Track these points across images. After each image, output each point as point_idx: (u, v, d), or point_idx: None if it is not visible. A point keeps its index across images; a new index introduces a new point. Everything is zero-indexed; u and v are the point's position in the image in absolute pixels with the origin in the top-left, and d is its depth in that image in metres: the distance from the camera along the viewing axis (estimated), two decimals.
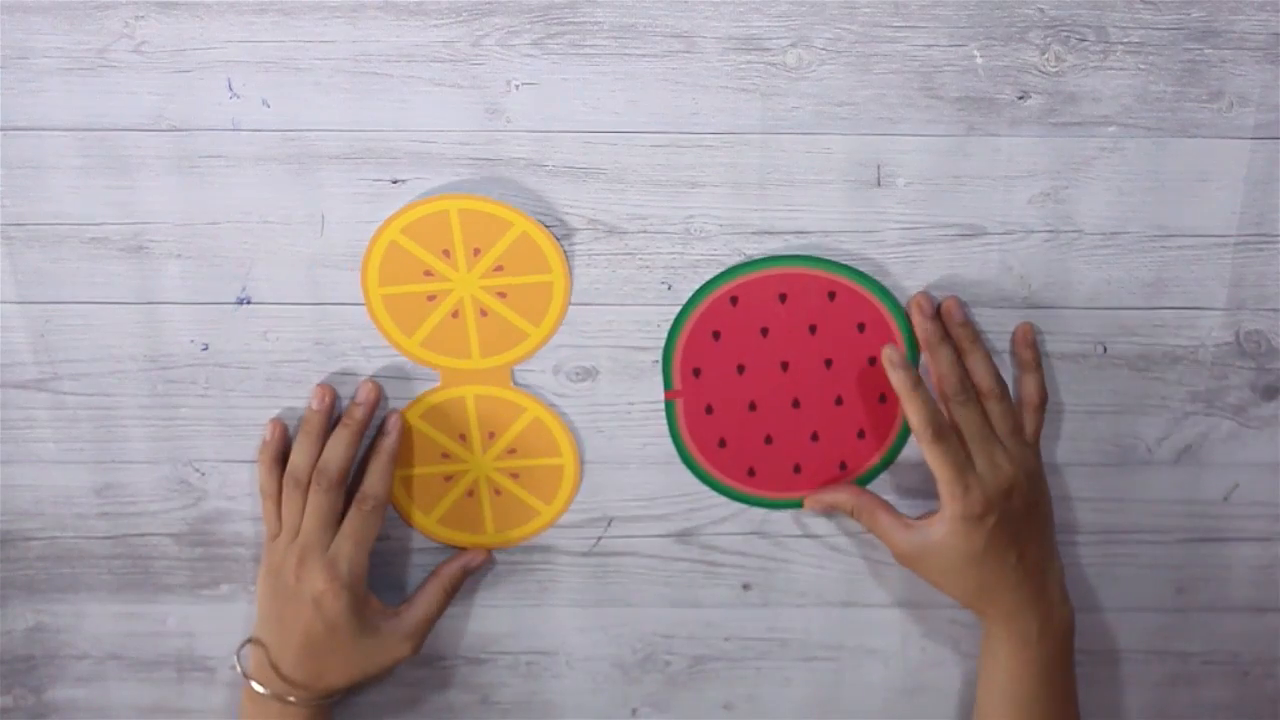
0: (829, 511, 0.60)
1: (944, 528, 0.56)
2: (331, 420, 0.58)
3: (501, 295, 0.56)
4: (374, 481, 0.57)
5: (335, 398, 0.58)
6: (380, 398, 0.58)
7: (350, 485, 0.58)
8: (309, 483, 0.56)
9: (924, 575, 0.58)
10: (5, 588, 0.62)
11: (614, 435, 0.60)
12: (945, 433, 0.55)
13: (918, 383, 0.56)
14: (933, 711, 0.65)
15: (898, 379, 0.56)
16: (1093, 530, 0.62)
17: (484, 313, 0.57)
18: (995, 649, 0.58)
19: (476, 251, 0.56)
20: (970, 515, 0.55)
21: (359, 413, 0.57)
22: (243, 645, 0.58)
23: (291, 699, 0.57)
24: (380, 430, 0.58)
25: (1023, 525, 0.56)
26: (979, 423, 0.56)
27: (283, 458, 0.58)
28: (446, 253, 0.56)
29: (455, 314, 0.57)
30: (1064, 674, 0.58)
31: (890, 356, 0.56)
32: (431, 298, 0.57)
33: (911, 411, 0.55)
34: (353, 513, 0.57)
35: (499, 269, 0.56)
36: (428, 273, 0.56)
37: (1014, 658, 0.57)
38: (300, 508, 0.57)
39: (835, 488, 0.59)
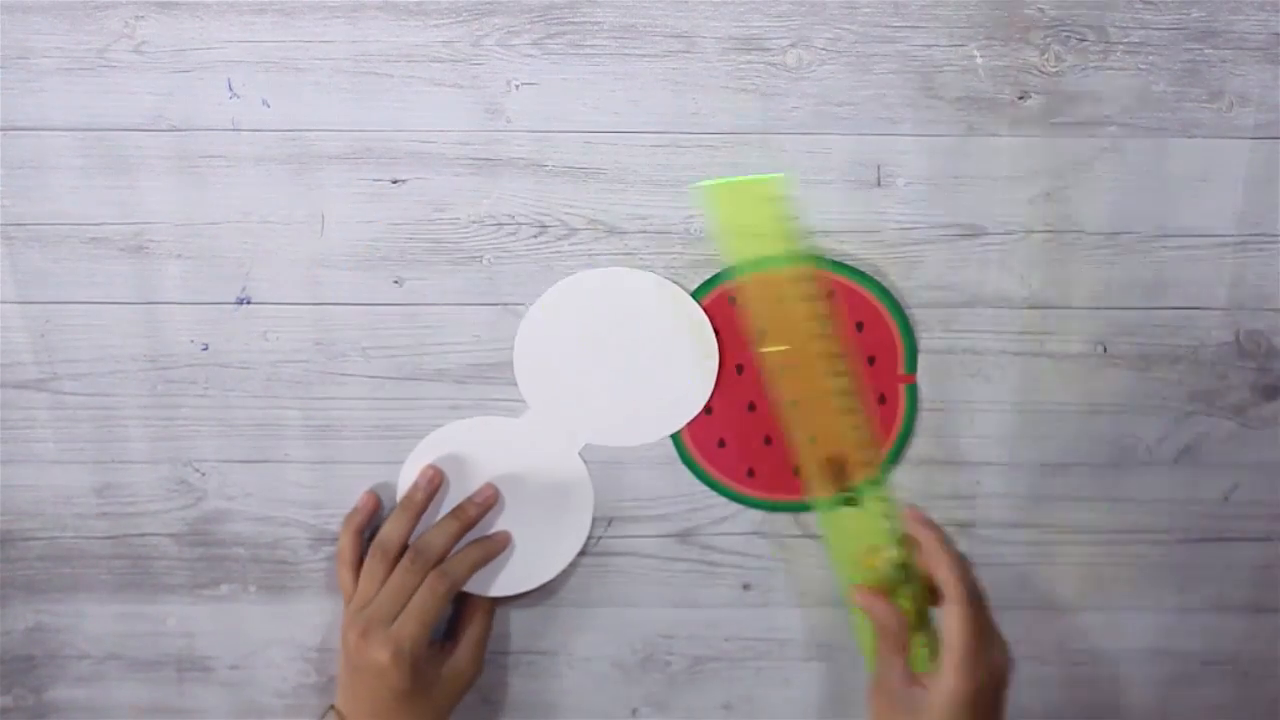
0: (867, 612, 0.54)
1: (939, 699, 0.50)
2: (430, 502, 0.59)
3: None
4: (459, 566, 0.58)
5: (444, 482, 0.59)
6: (498, 503, 0.59)
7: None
8: (396, 557, 0.57)
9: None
10: (5, 588, 0.62)
11: None
12: (981, 595, 0.51)
13: (950, 551, 0.52)
14: None
15: (928, 536, 0.52)
16: (1093, 530, 0.62)
17: None
18: None
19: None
20: (988, 675, 0.50)
21: (473, 511, 0.59)
22: (325, 714, 0.58)
23: None
24: (491, 535, 0.60)
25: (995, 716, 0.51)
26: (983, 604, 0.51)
27: (367, 528, 0.59)
28: None
29: None
30: None
31: (912, 514, 0.53)
32: None
33: (951, 570, 0.50)
34: (425, 592, 0.56)
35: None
36: None
37: None
38: (380, 579, 0.57)
39: (890, 610, 0.53)
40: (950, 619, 0.50)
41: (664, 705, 0.65)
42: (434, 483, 0.59)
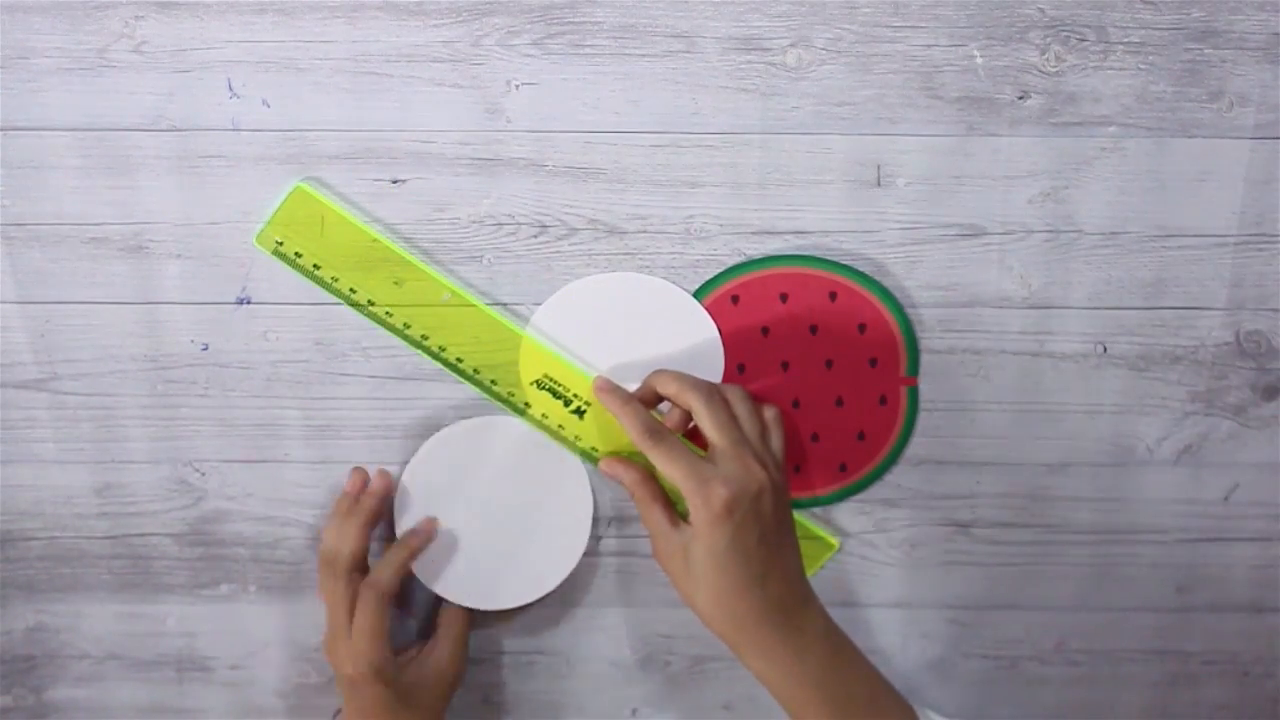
0: (614, 479, 0.55)
1: (692, 529, 0.51)
2: (376, 506, 0.58)
3: None
4: (383, 572, 0.56)
5: (366, 481, 0.58)
6: (392, 487, 0.58)
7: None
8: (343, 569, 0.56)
9: (674, 582, 0.52)
10: (5, 588, 0.62)
11: None
12: (664, 434, 0.52)
13: (628, 398, 0.54)
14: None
15: (610, 401, 0.54)
16: (1093, 530, 0.62)
17: None
18: (760, 678, 0.53)
19: None
20: (713, 510, 0.49)
21: (369, 503, 0.57)
22: (335, 716, 0.59)
23: None
24: (411, 530, 0.58)
25: (773, 536, 0.51)
26: (726, 421, 0.52)
27: (372, 524, 0.58)
28: None
29: None
30: (839, 679, 0.53)
31: (597, 384, 0.56)
32: None
33: (628, 424, 0.53)
34: (361, 607, 0.55)
35: None
36: None
37: (778, 688, 0.53)
38: (329, 589, 0.57)
39: (629, 466, 0.54)
40: (660, 469, 0.51)
41: (664, 705, 0.65)
42: (356, 485, 0.58)
